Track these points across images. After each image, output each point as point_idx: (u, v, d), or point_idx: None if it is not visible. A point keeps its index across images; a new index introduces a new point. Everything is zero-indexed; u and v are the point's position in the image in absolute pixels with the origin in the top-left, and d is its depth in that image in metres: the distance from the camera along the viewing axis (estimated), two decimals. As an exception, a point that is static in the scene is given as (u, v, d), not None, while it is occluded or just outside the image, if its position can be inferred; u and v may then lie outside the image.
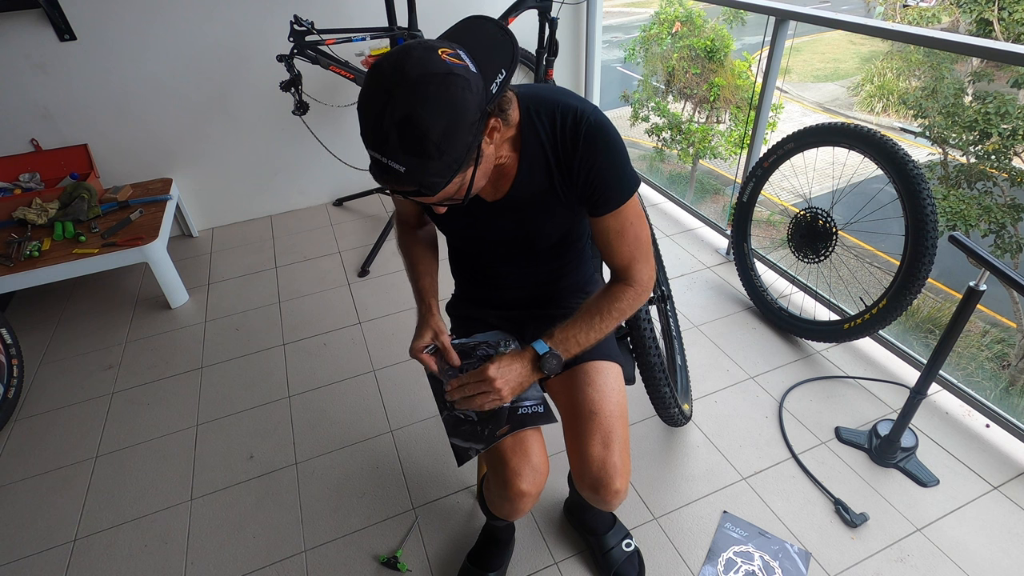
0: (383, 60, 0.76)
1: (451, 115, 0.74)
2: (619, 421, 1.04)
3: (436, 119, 0.73)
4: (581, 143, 0.91)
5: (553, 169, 0.94)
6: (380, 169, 0.76)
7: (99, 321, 2.33)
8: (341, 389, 1.91)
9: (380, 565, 1.40)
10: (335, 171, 2.86)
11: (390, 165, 0.74)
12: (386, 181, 0.77)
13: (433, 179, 0.76)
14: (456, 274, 1.27)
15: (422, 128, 0.72)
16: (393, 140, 0.73)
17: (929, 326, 5.18)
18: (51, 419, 1.90)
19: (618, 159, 0.93)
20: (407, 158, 0.74)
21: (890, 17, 10.75)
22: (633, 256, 1.00)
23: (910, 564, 1.33)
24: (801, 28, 1.98)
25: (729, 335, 2.02)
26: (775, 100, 3.07)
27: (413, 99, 0.72)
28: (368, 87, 0.75)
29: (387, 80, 0.73)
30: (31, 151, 2.45)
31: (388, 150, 0.74)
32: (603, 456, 1.01)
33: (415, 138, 0.73)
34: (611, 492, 1.01)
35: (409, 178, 0.75)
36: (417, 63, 0.73)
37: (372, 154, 0.76)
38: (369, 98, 0.75)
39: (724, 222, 2.52)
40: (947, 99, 6.50)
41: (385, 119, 0.72)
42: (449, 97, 0.73)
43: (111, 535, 1.53)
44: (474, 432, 1.02)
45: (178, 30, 2.41)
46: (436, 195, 0.80)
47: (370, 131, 0.75)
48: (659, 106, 8.08)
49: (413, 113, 0.72)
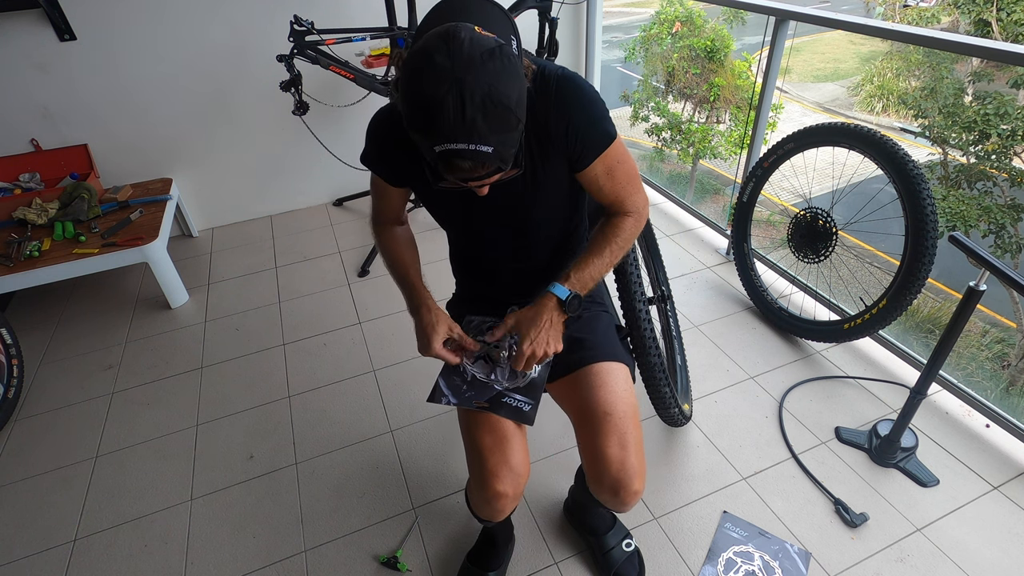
0: (428, 54, 0.73)
1: (519, 82, 0.76)
2: (632, 421, 1.04)
3: (511, 90, 0.74)
4: (552, 101, 0.90)
5: (531, 137, 0.93)
6: (463, 157, 0.74)
7: (99, 321, 2.33)
8: (341, 389, 1.91)
9: (380, 565, 1.40)
10: (335, 171, 2.86)
11: (478, 150, 0.74)
12: (468, 170, 0.77)
13: (513, 149, 0.78)
14: (457, 272, 1.27)
15: (504, 102, 0.73)
16: (480, 123, 0.72)
17: (929, 326, 5.18)
18: (51, 419, 1.90)
19: (591, 108, 0.92)
20: (495, 137, 0.74)
21: (889, 17, 10.75)
22: (625, 191, 1.02)
23: (910, 564, 1.33)
24: (801, 28, 1.98)
25: (729, 335, 2.02)
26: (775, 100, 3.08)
27: (487, 77, 0.72)
28: (427, 84, 0.73)
29: (449, 70, 0.72)
30: (31, 151, 2.45)
31: (476, 135, 0.73)
32: (621, 457, 1.00)
33: (500, 114, 0.73)
34: (631, 493, 1.01)
35: (495, 157, 0.75)
36: (471, 44, 0.73)
37: (455, 147, 0.74)
38: (436, 94, 0.72)
39: (724, 222, 2.52)
40: (947, 99, 6.50)
41: (467, 106, 0.71)
42: (512, 66, 0.75)
43: (111, 535, 1.53)
44: (459, 388, 1.05)
45: (178, 30, 2.41)
46: (508, 168, 0.80)
47: (452, 124, 0.72)
48: (659, 106, 8.08)
49: (492, 90, 0.72)
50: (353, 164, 2.76)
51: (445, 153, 0.75)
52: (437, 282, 1.48)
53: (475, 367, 1.07)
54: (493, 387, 1.05)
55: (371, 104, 2.64)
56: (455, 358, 1.06)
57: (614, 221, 1.04)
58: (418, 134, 0.77)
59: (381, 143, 1.03)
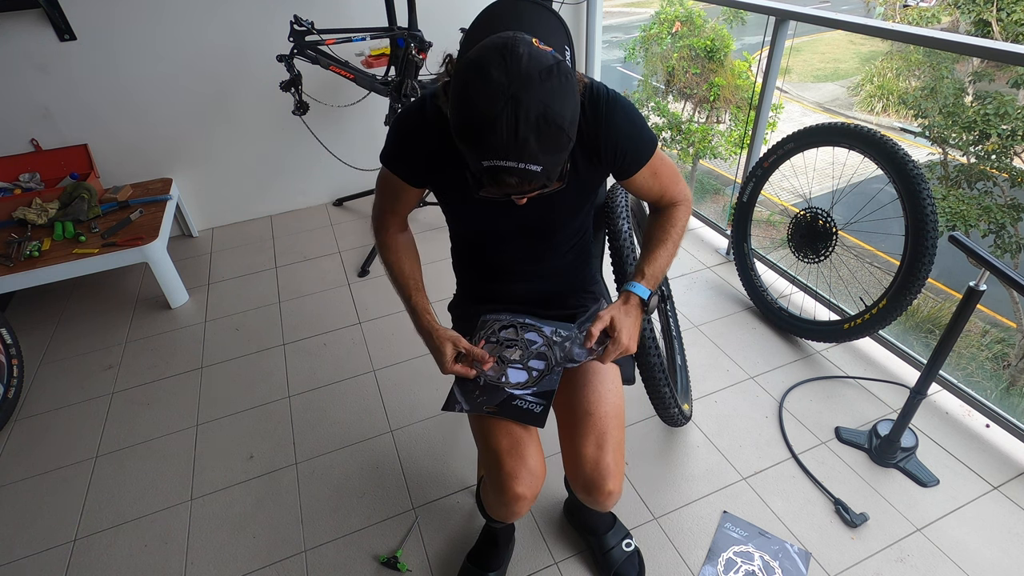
0: (484, 68, 0.72)
1: (573, 100, 0.75)
2: (614, 422, 1.04)
3: (565, 110, 0.73)
4: (603, 120, 0.92)
5: (577, 149, 0.93)
6: (511, 174, 0.74)
7: (99, 321, 2.33)
8: (341, 389, 1.91)
9: (380, 565, 1.40)
10: (335, 171, 2.86)
11: (527, 169, 0.73)
12: (514, 187, 0.76)
13: (560, 167, 0.77)
14: (460, 271, 1.25)
15: (558, 122, 0.72)
16: (532, 143, 0.71)
17: (929, 326, 5.17)
18: (51, 419, 1.90)
19: (637, 122, 0.96)
20: (545, 156, 0.73)
21: (890, 17, 10.75)
22: (670, 185, 1.05)
23: (910, 564, 1.33)
24: (801, 28, 1.98)
25: (729, 335, 2.02)
26: (775, 100, 3.08)
27: (544, 96, 0.71)
28: (482, 99, 0.72)
29: (505, 87, 0.71)
30: (31, 151, 2.45)
31: (528, 155, 0.72)
32: (596, 457, 1.01)
33: (553, 134, 0.73)
34: (604, 493, 1.01)
35: (543, 176, 0.75)
36: (531, 60, 0.72)
37: (504, 164, 0.73)
38: (490, 110, 0.71)
39: (724, 222, 2.52)
40: (947, 99, 6.50)
41: (521, 126, 0.70)
42: (568, 84, 0.74)
43: (111, 535, 1.53)
44: (471, 393, 1.04)
45: (178, 30, 2.41)
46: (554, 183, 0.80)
47: (504, 143, 0.71)
48: (659, 106, 8.08)
49: (548, 111, 0.71)
50: (353, 164, 2.76)
51: (493, 169, 0.74)
52: (438, 282, 1.48)
53: (488, 369, 1.05)
54: (504, 390, 1.03)
55: (371, 104, 2.65)
56: (471, 372, 1.04)
57: (668, 212, 1.07)
58: (466, 146, 0.76)
59: (407, 143, 1.00)
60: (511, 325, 1.11)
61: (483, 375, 1.05)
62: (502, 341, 1.09)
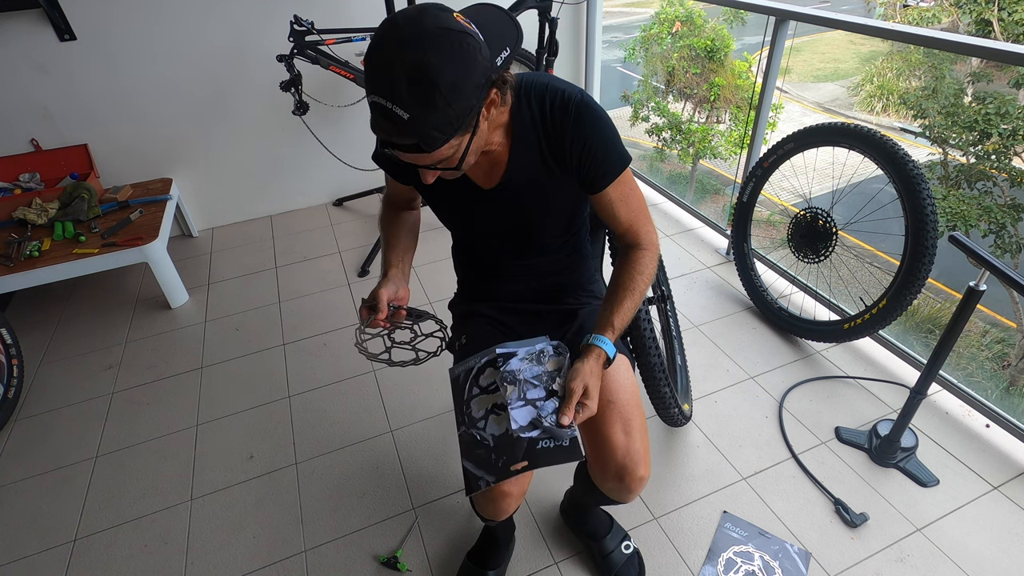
0: (397, 14, 0.77)
1: (462, 70, 0.75)
2: (636, 410, 1.05)
3: (447, 70, 0.74)
4: (571, 124, 0.93)
5: (545, 153, 0.96)
6: (383, 115, 0.76)
7: (99, 321, 2.33)
8: (341, 389, 1.91)
9: (380, 565, 1.40)
10: (335, 171, 2.86)
11: (394, 111, 0.74)
12: (386, 130, 0.77)
13: (434, 132, 0.77)
14: (459, 270, 1.27)
15: (432, 76, 0.73)
16: (402, 86, 0.73)
17: (929, 326, 5.17)
18: (51, 419, 1.90)
19: (608, 134, 0.95)
20: (414, 106, 0.74)
21: (890, 17, 10.75)
22: (637, 220, 1.03)
23: (910, 564, 1.33)
24: (801, 28, 1.98)
25: (729, 335, 2.02)
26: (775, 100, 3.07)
27: (427, 48, 0.73)
28: (380, 36, 0.76)
29: (401, 30, 0.74)
30: (31, 151, 2.45)
31: (396, 97, 0.74)
32: (626, 444, 1.01)
33: (425, 85, 0.74)
34: (636, 479, 1.02)
35: (412, 127, 0.76)
36: (434, 18, 0.75)
37: (377, 100, 0.75)
38: (380, 45, 0.75)
39: (724, 222, 2.52)
40: (947, 99, 6.50)
41: (396, 65, 0.73)
42: (462, 53, 0.75)
43: (111, 535, 1.53)
44: (488, 460, 0.92)
45: (178, 30, 2.41)
46: (432, 152, 0.80)
47: (379, 76, 0.75)
48: (659, 106, 8.08)
49: (426, 61, 0.73)
50: (353, 164, 2.76)
51: (371, 105, 0.77)
52: (438, 282, 1.48)
53: (487, 426, 0.95)
54: (520, 437, 0.91)
55: (371, 104, 2.65)
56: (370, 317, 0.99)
57: (634, 257, 1.03)
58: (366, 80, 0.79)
59: None
60: (483, 368, 1.02)
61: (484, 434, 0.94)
62: (487, 387, 1.00)
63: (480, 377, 1.02)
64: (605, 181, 0.98)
